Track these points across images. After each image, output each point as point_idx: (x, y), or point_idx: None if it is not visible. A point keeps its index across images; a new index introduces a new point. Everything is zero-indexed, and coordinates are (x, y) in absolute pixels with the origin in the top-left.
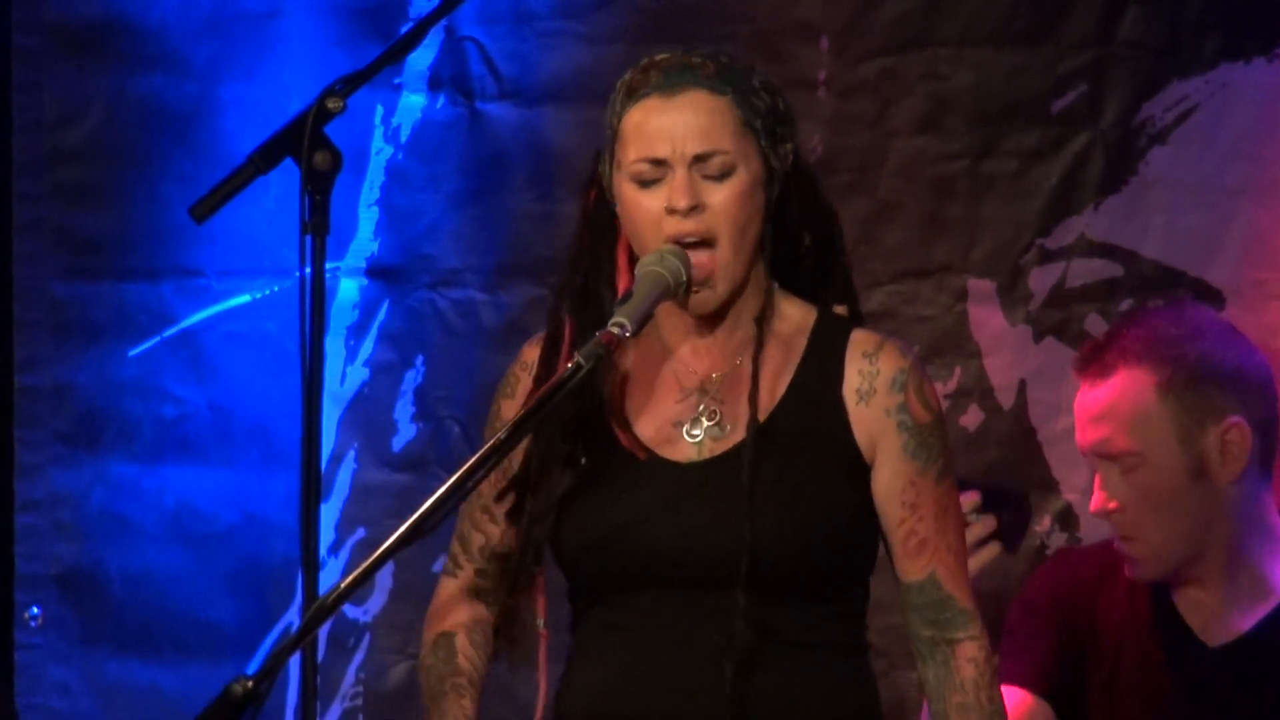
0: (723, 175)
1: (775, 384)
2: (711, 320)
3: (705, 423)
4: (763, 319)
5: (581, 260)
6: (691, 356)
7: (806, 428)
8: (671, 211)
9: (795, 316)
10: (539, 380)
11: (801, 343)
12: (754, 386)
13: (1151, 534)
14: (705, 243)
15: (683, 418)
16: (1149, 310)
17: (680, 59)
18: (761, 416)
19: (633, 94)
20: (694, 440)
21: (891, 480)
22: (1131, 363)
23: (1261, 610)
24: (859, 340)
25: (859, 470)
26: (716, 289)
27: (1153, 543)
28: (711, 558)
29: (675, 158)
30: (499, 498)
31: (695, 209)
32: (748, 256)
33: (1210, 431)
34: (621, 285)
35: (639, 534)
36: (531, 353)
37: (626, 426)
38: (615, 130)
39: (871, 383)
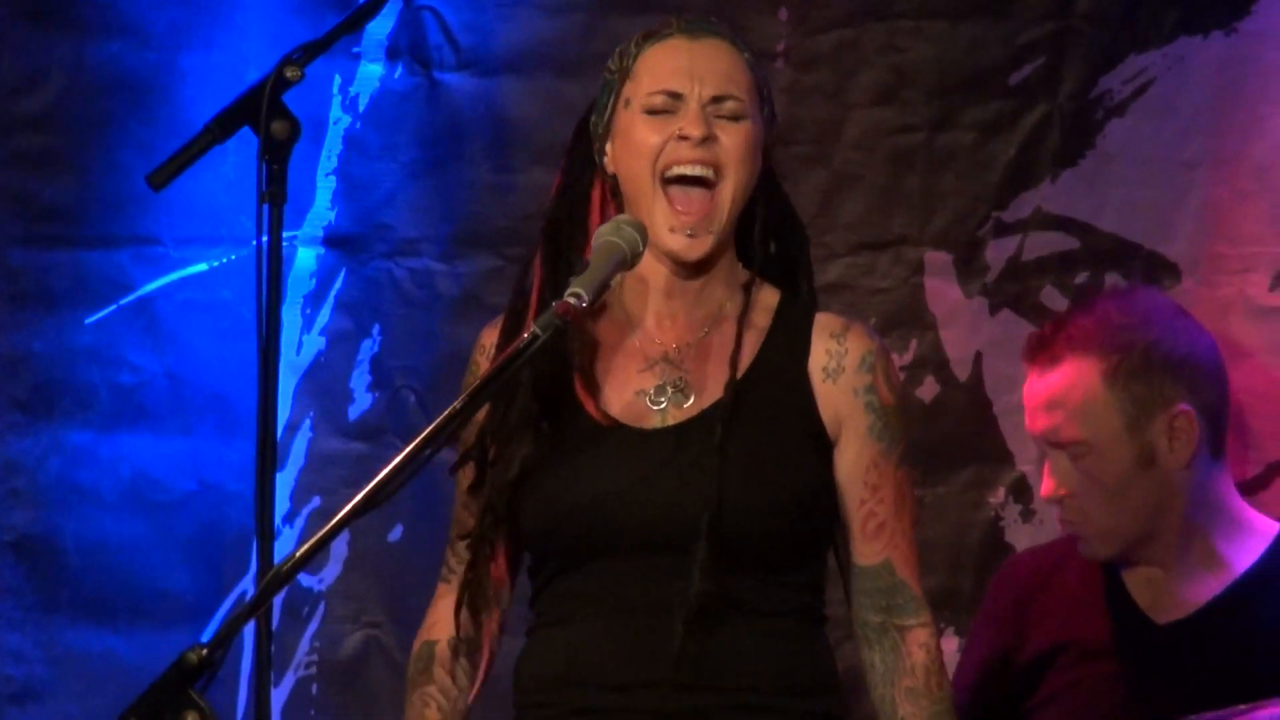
0: (735, 119)
1: (743, 358)
2: (680, 293)
3: (670, 391)
4: (751, 285)
5: (555, 230)
6: (656, 328)
7: (772, 400)
8: (682, 138)
9: (762, 295)
10: (500, 352)
11: (766, 320)
12: (737, 346)
13: (1101, 519)
14: (705, 182)
15: (646, 386)
16: (1097, 298)
17: (700, 16)
18: (728, 388)
19: (651, 36)
20: (658, 408)
21: (856, 460)
22: (1079, 351)
23: (1215, 586)
24: (825, 321)
25: (823, 447)
26: (706, 236)
27: (1102, 527)
28: (676, 523)
29: (692, 94)
30: (452, 470)
31: (708, 139)
32: (737, 211)
33: (1158, 420)
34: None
35: (604, 503)
36: (489, 336)
37: (591, 395)
38: (627, 70)
39: (840, 361)
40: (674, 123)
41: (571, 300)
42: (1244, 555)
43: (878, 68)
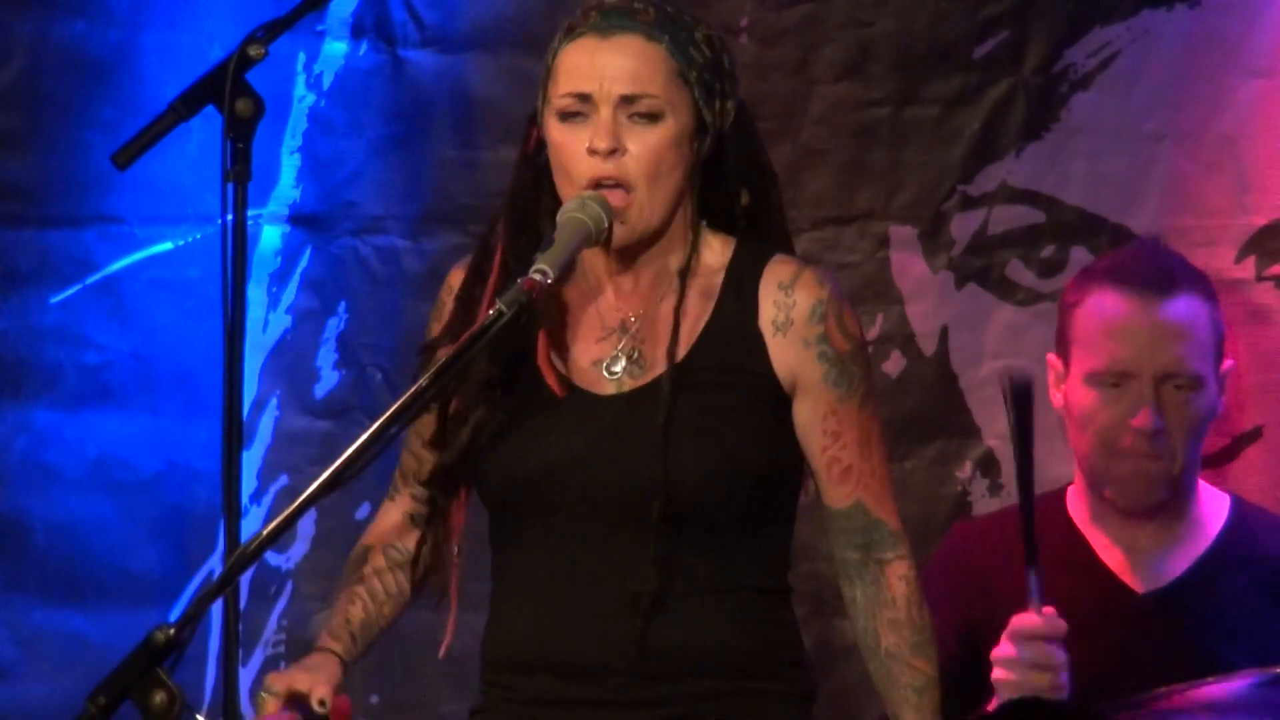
0: (649, 119)
1: (694, 323)
2: (633, 262)
3: (624, 360)
4: (686, 271)
5: (520, 194)
6: (614, 296)
7: (725, 364)
8: (592, 152)
9: (715, 254)
10: (460, 302)
11: (719, 282)
12: (674, 333)
13: (1181, 460)
14: (622, 185)
15: (603, 356)
16: (1154, 241)
17: (623, 3)
18: (680, 355)
19: (570, 32)
20: (613, 377)
21: (813, 409)
22: (1193, 286)
23: (1189, 555)
24: (775, 270)
25: (780, 402)
26: (631, 225)
27: (1177, 468)
28: (628, 494)
29: (602, 96)
30: (415, 416)
31: (614, 152)
32: (665, 204)
33: (1222, 367)
34: None
35: (555, 470)
36: (456, 276)
37: (549, 362)
38: (549, 67)
39: (788, 314)
40: (586, 129)
41: (537, 277)
42: (1211, 522)
43: (842, 42)
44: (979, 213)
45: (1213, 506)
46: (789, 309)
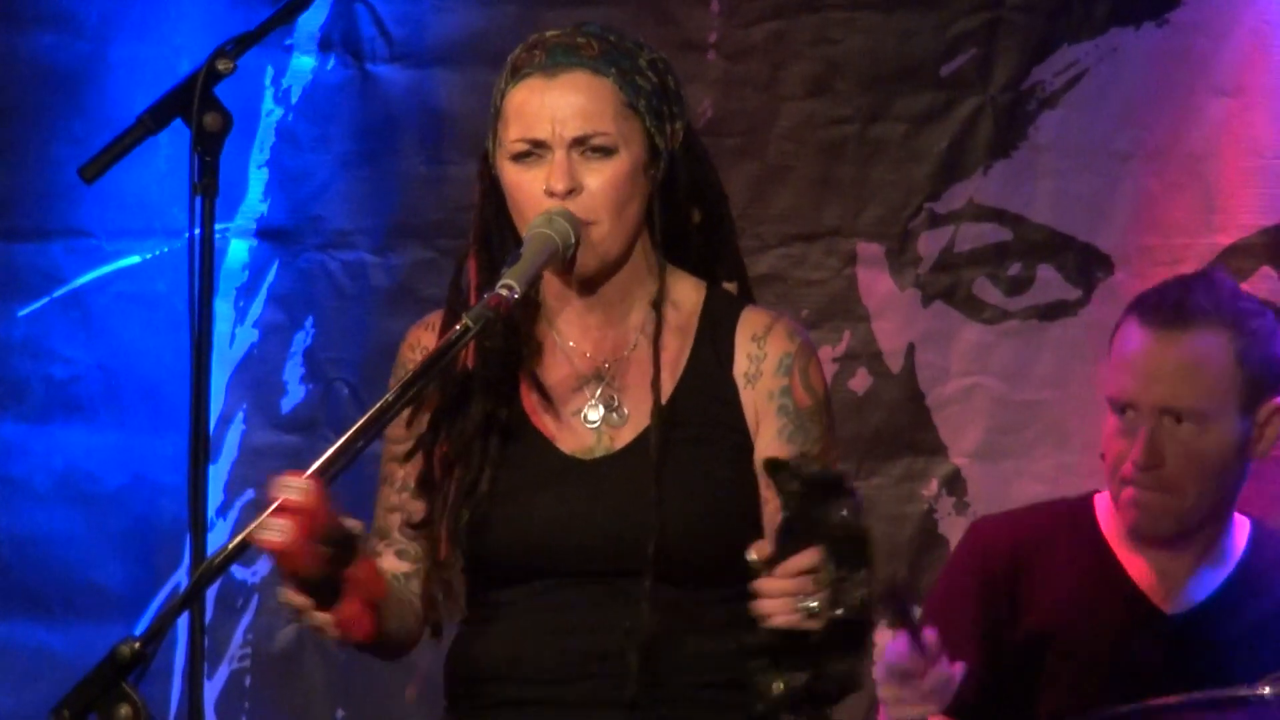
0: (602, 156)
1: (671, 370)
2: (600, 298)
3: (604, 410)
4: (660, 303)
5: (485, 225)
6: (585, 341)
7: (703, 413)
8: (550, 194)
9: (687, 297)
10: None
11: (694, 325)
12: (656, 374)
13: (1187, 496)
14: (585, 221)
15: (580, 404)
16: (1206, 274)
17: (566, 38)
18: (663, 398)
19: (516, 73)
20: (592, 426)
21: (762, 458)
22: (1214, 323)
23: (1216, 579)
24: (749, 321)
25: (751, 451)
26: (594, 250)
27: (1184, 506)
28: (613, 554)
29: (554, 139)
30: (407, 456)
31: (572, 192)
32: (627, 232)
33: (1261, 409)
34: None
35: (548, 538)
36: (417, 335)
37: (536, 411)
38: (498, 108)
39: (759, 366)
40: (541, 170)
41: (503, 292)
42: (1234, 548)
43: (809, 59)
44: (946, 230)
45: (1236, 528)
46: (759, 361)
